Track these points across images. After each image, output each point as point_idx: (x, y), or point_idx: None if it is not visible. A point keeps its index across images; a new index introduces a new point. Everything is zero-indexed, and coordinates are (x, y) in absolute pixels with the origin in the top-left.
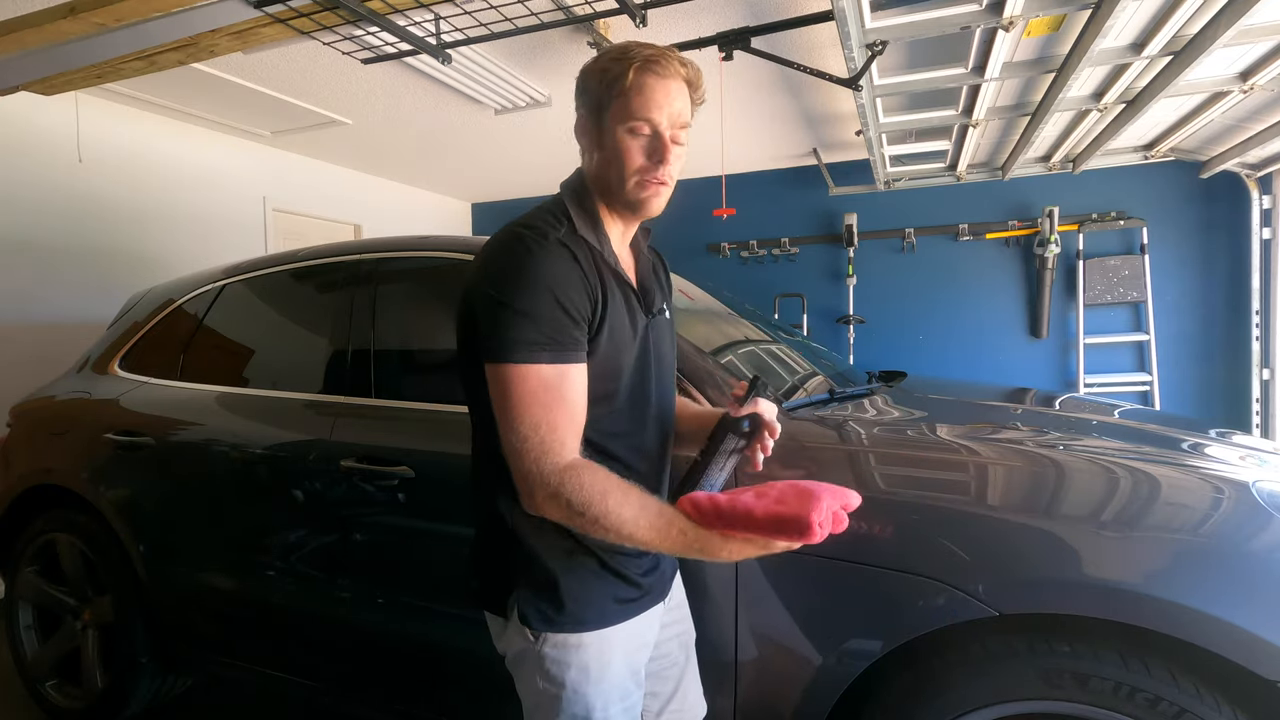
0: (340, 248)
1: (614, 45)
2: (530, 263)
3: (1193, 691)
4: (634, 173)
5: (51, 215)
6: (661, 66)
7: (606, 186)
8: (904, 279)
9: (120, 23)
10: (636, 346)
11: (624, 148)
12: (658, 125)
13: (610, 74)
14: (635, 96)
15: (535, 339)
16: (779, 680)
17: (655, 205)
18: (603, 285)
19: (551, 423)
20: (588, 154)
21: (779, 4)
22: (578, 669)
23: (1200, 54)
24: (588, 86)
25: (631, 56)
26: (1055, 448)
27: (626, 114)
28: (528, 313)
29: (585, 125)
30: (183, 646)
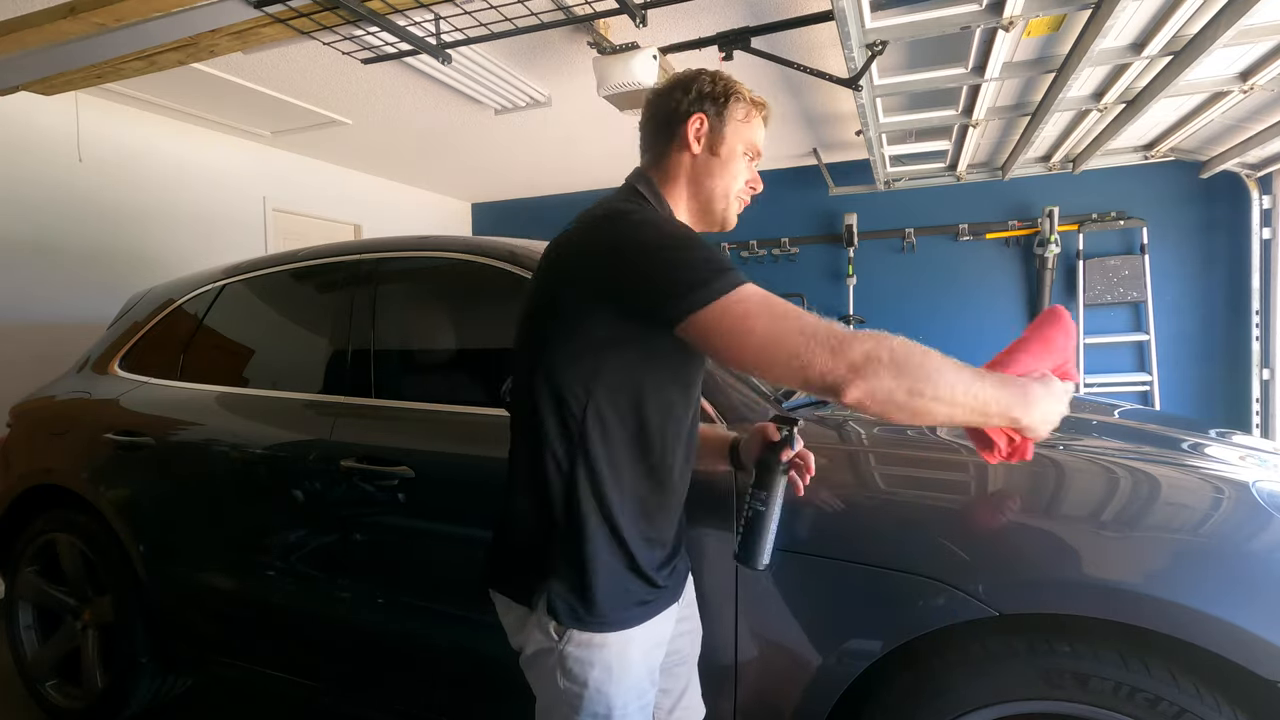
0: (340, 248)
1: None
2: (661, 223)
3: (1193, 691)
4: (739, 188)
5: (51, 215)
6: (769, 115)
7: (708, 191)
8: (904, 279)
9: (120, 23)
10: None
11: (740, 165)
12: (758, 157)
13: (744, 104)
14: (758, 129)
15: (729, 268)
16: (779, 680)
17: (734, 222)
18: None
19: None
20: (695, 155)
21: (779, 4)
22: (601, 668)
23: (1200, 54)
24: (717, 99)
25: (759, 102)
26: (1055, 447)
27: (749, 140)
28: (703, 252)
29: (702, 128)
30: (183, 646)
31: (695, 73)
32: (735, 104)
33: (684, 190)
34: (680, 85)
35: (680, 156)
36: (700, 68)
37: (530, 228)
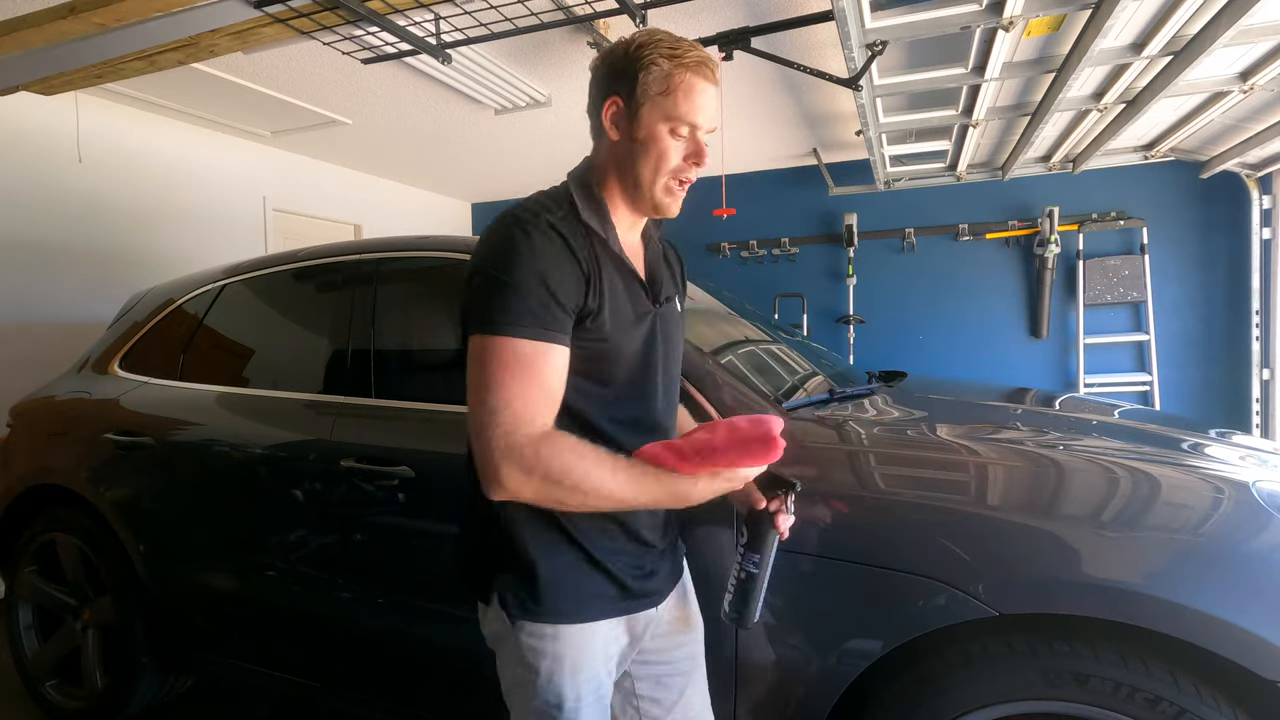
0: (340, 248)
1: (651, 35)
2: (520, 242)
3: (1193, 691)
4: (668, 172)
5: (51, 215)
6: (709, 70)
7: (634, 180)
8: (904, 279)
9: (120, 23)
10: (642, 334)
11: (664, 146)
12: (698, 129)
13: (659, 70)
14: (684, 99)
15: (517, 313)
16: (779, 680)
17: (676, 208)
18: (599, 270)
19: (526, 395)
20: (615, 142)
21: (779, 4)
22: (552, 658)
23: (1200, 54)
24: (626, 74)
25: (683, 57)
26: (1055, 448)
27: (672, 114)
28: (513, 288)
29: (618, 114)
30: (183, 646)
31: (613, 45)
32: (648, 76)
33: (614, 180)
34: (599, 63)
35: (604, 144)
36: (625, 36)
37: None
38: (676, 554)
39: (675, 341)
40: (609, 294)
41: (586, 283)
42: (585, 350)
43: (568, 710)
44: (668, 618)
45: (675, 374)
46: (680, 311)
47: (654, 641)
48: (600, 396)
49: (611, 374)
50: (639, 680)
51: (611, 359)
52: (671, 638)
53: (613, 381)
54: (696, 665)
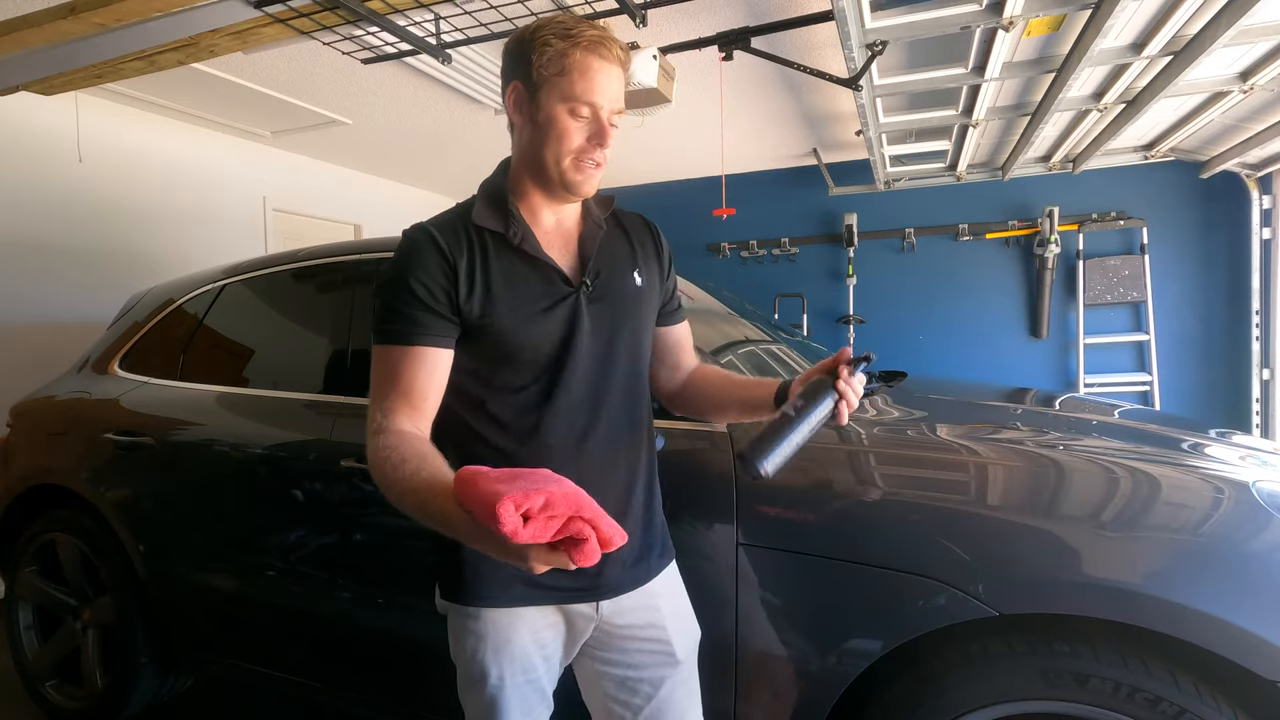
0: (340, 248)
1: (548, 17)
2: (398, 255)
3: (1193, 691)
4: (570, 153)
5: (51, 215)
6: (606, 49)
7: (539, 164)
8: (904, 279)
9: (120, 23)
10: (556, 321)
11: (563, 127)
12: (599, 109)
13: (553, 50)
14: (579, 78)
15: (385, 322)
16: (779, 680)
17: (589, 187)
18: (483, 265)
19: (380, 396)
20: (519, 128)
21: (779, 4)
22: (477, 637)
23: (1200, 54)
24: (522, 58)
25: (576, 36)
26: (1055, 448)
27: (569, 94)
28: (387, 299)
29: (519, 98)
30: (183, 646)
31: (513, 34)
32: (542, 57)
33: (524, 169)
34: (503, 52)
35: (513, 134)
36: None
37: None
38: (639, 557)
39: (620, 319)
40: (500, 288)
41: (457, 279)
42: (482, 344)
43: (491, 686)
44: (626, 619)
45: (619, 355)
46: (640, 285)
47: (609, 639)
48: (506, 387)
49: (512, 367)
50: (604, 678)
51: (508, 353)
52: (634, 642)
53: (518, 373)
54: (674, 675)
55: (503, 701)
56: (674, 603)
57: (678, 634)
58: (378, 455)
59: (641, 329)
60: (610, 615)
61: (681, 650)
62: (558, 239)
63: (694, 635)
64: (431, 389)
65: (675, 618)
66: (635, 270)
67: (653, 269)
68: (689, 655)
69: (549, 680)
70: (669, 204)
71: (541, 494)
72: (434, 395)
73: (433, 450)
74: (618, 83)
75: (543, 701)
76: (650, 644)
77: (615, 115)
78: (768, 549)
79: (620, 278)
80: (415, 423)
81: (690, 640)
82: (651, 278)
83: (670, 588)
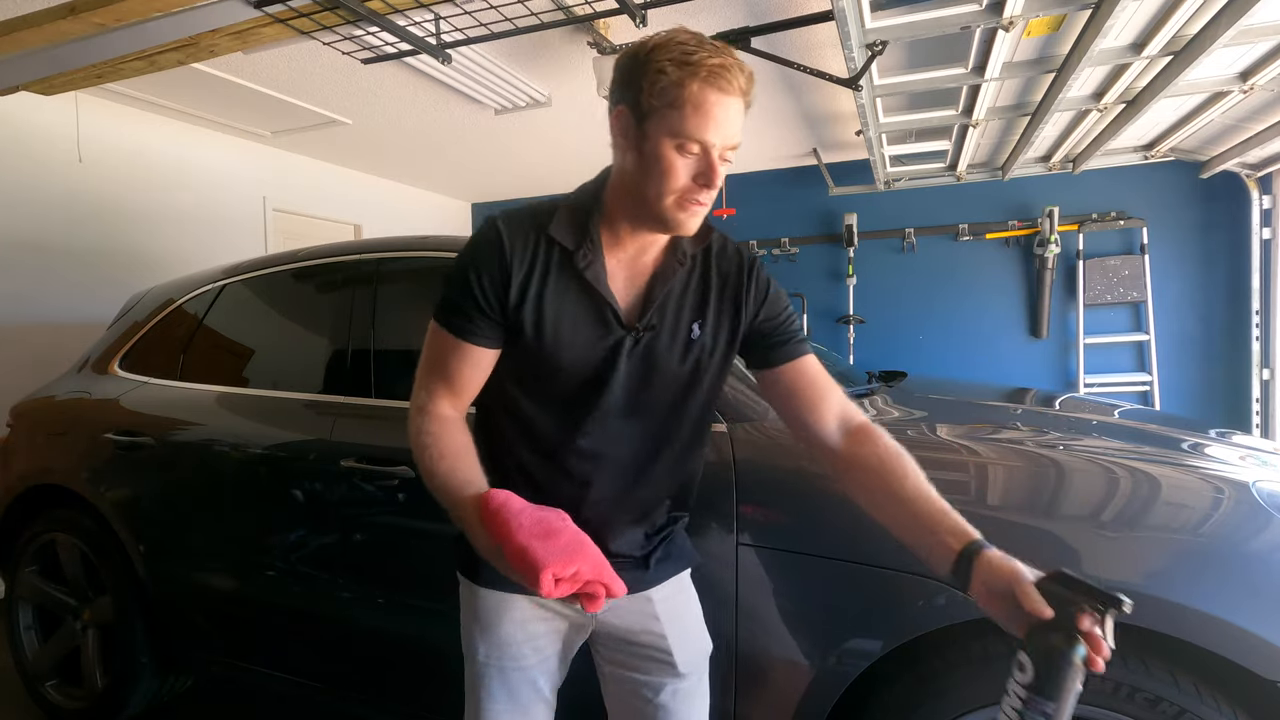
0: (340, 248)
1: (669, 36)
2: (471, 240)
3: (1193, 691)
4: (673, 191)
5: (51, 215)
6: (726, 81)
7: (639, 197)
8: (904, 279)
9: (120, 23)
10: (595, 357)
11: (668, 163)
12: (710, 147)
13: (667, 80)
14: (692, 113)
15: (443, 308)
16: (779, 680)
17: (691, 226)
18: (542, 280)
19: (427, 375)
20: (622, 153)
21: (779, 4)
22: (470, 613)
23: (1200, 54)
24: (633, 82)
25: (695, 65)
26: (1055, 448)
27: (680, 129)
28: (451, 284)
29: (625, 124)
30: (183, 646)
31: (629, 47)
32: (654, 86)
33: (620, 195)
34: (614, 68)
35: (615, 155)
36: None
37: None
38: (643, 564)
39: (660, 371)
40: (550, 307)
41: (509, 287)
42: (521, 353)
43: (479, 662)
44: (623, 622)
45: (654, 402)
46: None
47: (613, 641)
48: (538, 396)
49: (548, 384)
50: (610, 680)
51: (545, 371)
52: (633, 646)
53: (551, 389)
54: (673, 685)
55: (487, 680)
56: (676, 612)
57: (679, 644)
58: (420, 439)
59: (687, 379)
60: (606, 617)
61: (684, 661)
62: (629, 271)
63: (699, 647)
64: (474, 381)
65: (676, 627)
66: (698, 321)
67: (725, 316)
68: (693, 668)
69: (543, 674)
70: None
71: (574, 563)
72: (475, 386)
73: (468, 442)
74: (737, 117)
75: (534, 693)
76: (648, 650)
77: (729, 151)
78: (768, 549)
79: (676, 327)
80: (455, 406)
81: (694, 652)
82: (721, 327)
83: (673, 596)
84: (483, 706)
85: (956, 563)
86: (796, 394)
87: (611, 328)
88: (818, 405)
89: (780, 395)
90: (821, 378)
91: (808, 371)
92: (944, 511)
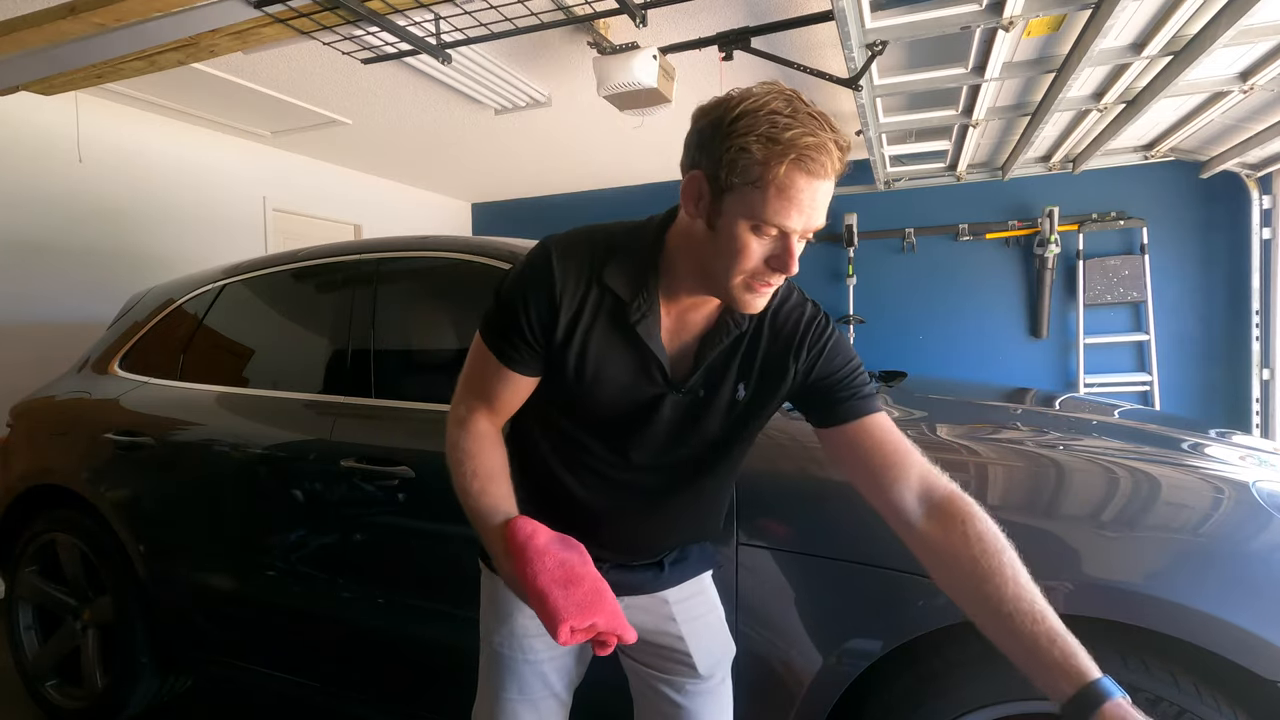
0: (340, 248)
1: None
2: (526, 266)
3: (1193, 691)
4: (743, 273)
5: (51, 215)
6: (818, 163)
7: (705, 267)
8: (904, 279)
9: (120, 23)
10: (635, 405)
11: (742, 244)
12: (791, 232)
13: (754, 156)
14: (776, 196)
15: (492, 329)
16: (779, 680)
17: (758, 306)
18: (588, 329)
19: (469, 389)
20: (692, 219)
21: (779, 4)
22: (489, 600)
23: (1200, 54)
24: (713, 150)
25: (787, 144)
26: (1055, 448)
27: (760, 212)
28: (501, 306)
29: (699, 190)
30: (183, 646)
31: (715, 103)
32: (738, 161)
33: (682, 256)
34: (695, 119)
35: (683, 216)
36: (734, 91)
37: (530, 228)
38: (660, 567)
39: (701, 428)
40: (595, 353)
41: (554, 326)
42: (560, 386)
43: (494, 646)
44: (638, 621)
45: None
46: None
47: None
48: (573, 426)
49: (583, 420)
50: (634, 674)
51: (583, 409)
52: (650, 645)
53: (584, 425)
54: (698, 687)
55: (499, 667)
56: (694, 613)
57: (697, 646)
58: (455, 453)
59: (728, 436)
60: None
61: (703, 663)
62: (679, 325)
63: (722, 651)
64: (513, 404)
65: (693, 628)
66: (744, 381)
67: (773, 377)
68: (713, 670)
69: (555, 670)
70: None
71: (591, 617)
72: (513, 407)
73: (502, 462)
74: (825, 200)
75: (544, 687)
76: (667, 650)
77: (810, 234)
78: (768, 549)
79: (722, 388)
80: (493, 422)
81: (715, 655)
82: (766, 387)
83: (691, 598)
84: (494, 694)
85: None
86: (863, 458)
87: (655, 384)
88: (889, 471)
89: (845, 459)
90: (893, 439)
91: (875, 433)
92: (1051, 638)
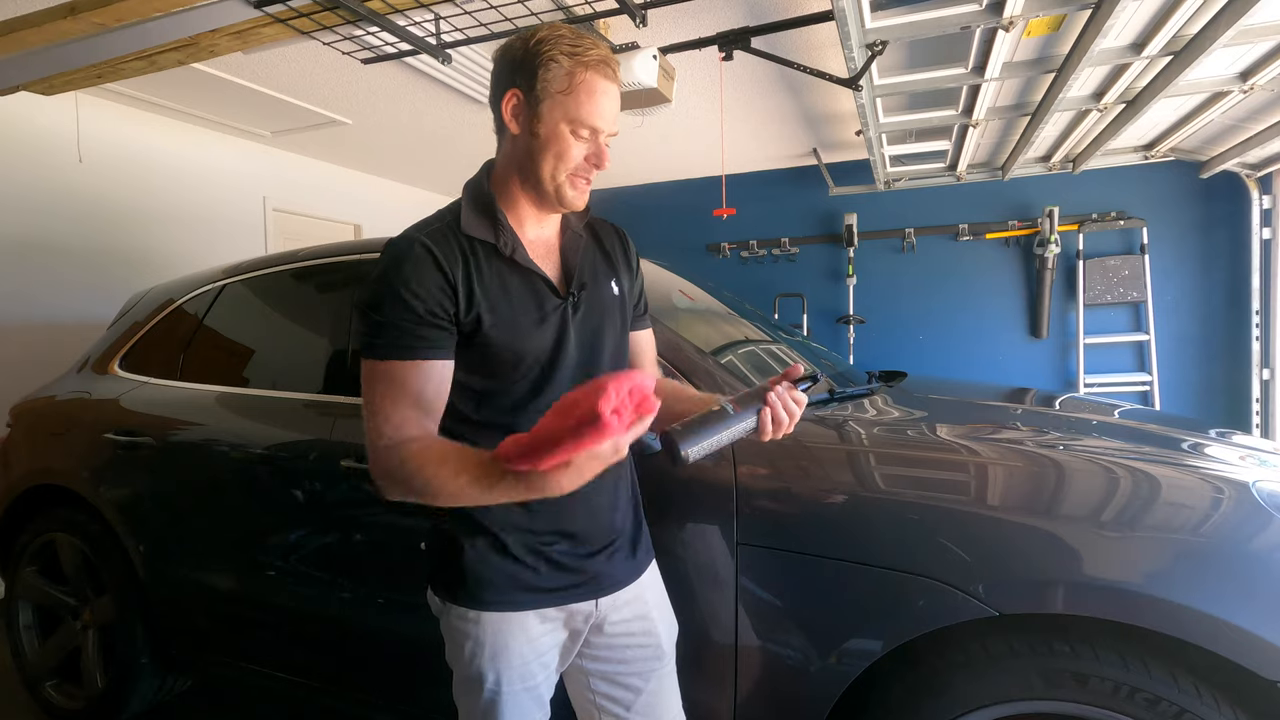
0: (340, 248)
1: (553, 30)
2: (388, 267)
3: (1193, 691)
4: (568, 170)
5: (51, 215)
6: (610, 70)
7: (534, 176)
8: (904, 279)
9: (120, 23)
10: (549, 334)
11: (564, 145)
12: (600, 130)
13: (560, 68)
14: (586, 99)
15: (385, 337)
16: (779, 680)
17: (581, 202)
18: (479, 278)
19: (387, 411)
20: (516, 135)
21: (779, 4)
22: (475, 641)
23: (1200, 54)
24: (526, 68)
25: (582, 54)
26: (1055, 448)
27: (574, 115)
28: (382, 313)
29: (519, 107)
30: (183, 646)
31: (513, 38)
32: (550, 71)
33: (515, 178)
34: (498, 55)
35: (505, 139)
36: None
37: None
38: (631, 551)
39: (602, 328)
40: (496, 300)
41: (456, 293)
42: (476, 355)
43: (488, 691)
44: (620, 615)
45: (602, 363)
46: (617, 294)
47: (602, 638)
48: (500, 397)
49: (508, 376)
50: (592, 676)
51: (507, 363)
52: (626, 636)
53: (511, 383)
54: (661, 669)
55: (499, 708)
56: (658, 596)
57: (663, 627)
58: (401, 471)
59: (622, 336)
60: (608, 611)
61: (667, 643)
62: (542, 248)
63: (675, 628)
64: (441, 398)
65: (660, 610)
66: (613, 280)
67: (624, 277)
68: (671, 648)
69: (547, 688)
70: (669, 204)
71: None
72: (441, 401)
73: (455, 444)
74: (616, 103)
75: (540, 709)
76: (641, 638)
77: (609, 138)
78: (768, 549)
79: (601, 288)
80: (426, 427)
81: (672, 633)
82: (624, 286)
83: (653, 580)
84: None
85: None
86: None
87: (550, 300)
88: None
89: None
90: (653, 349)
91: (650, 343)
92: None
